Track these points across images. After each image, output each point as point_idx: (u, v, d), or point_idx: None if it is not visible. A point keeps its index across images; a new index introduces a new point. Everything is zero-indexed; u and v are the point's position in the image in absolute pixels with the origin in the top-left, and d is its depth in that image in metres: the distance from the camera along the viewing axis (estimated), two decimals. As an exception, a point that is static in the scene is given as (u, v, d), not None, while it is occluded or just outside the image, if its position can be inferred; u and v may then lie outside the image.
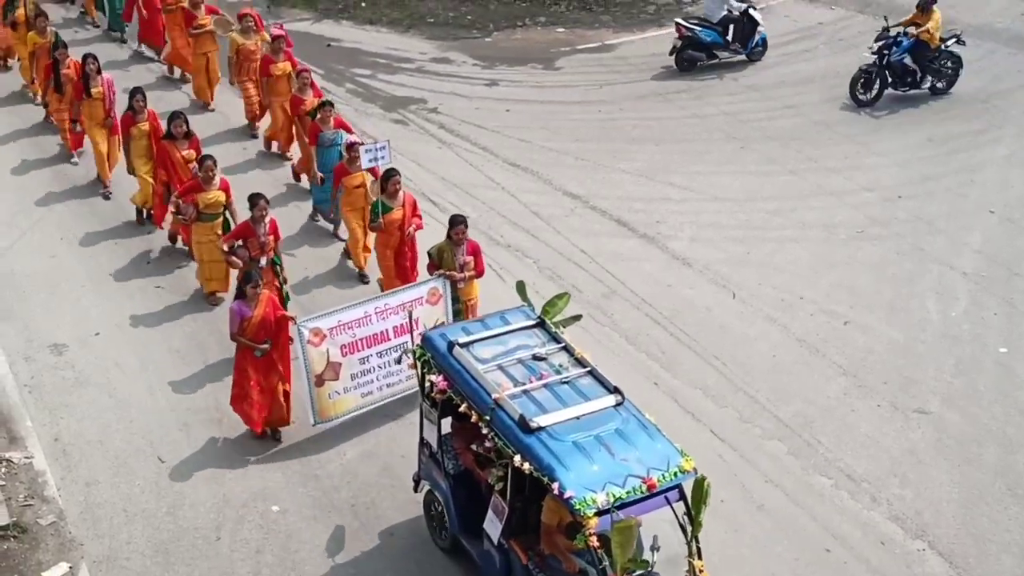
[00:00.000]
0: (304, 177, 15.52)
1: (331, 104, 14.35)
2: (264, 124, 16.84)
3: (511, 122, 18.15)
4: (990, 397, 12.11)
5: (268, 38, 16.18)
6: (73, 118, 15.39)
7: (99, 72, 14.93)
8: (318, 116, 14.19)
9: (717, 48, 20.26)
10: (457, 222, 11.58)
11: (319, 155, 14.27)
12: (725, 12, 20.37)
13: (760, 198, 16.05)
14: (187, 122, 13.65)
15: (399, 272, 12.76)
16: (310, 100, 14.76)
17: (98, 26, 20.94)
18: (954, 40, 19.08)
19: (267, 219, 12.00)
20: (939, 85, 19.19)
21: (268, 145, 16.71)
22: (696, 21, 20.45)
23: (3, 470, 10.74)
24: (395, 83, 19.57)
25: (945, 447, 11.40)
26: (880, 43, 18.82)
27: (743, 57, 20.55)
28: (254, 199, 12.04)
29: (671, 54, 20.20)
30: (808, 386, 12.26)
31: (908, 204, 15.86)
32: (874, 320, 13.39)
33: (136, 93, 14.11)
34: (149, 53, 19.64)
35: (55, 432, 11.28)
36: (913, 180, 16.51)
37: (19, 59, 18.13)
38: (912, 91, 19.05)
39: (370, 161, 12.45)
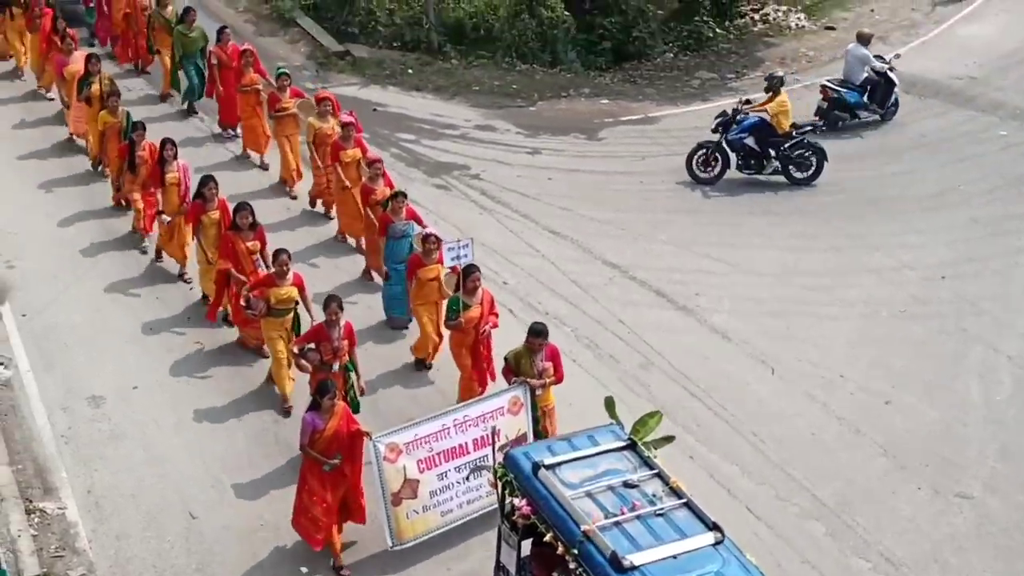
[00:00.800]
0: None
1: (404, 195, 13.75)
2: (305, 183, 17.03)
3: (553, 190, 18.24)
4: (1034, 484, 11.86)
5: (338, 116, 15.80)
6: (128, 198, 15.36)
7: (175, 157, 14.50)
8: (389, 207, 13.64)
9: (859, 108, 20.88)
10: (538, 332, 10.94)
11: (388, 247, 13.59)
12: (866, 75, 20.93)
13: (800, 273, 15.96)
14: (253, 213, 13.02)
15: (476, 373, 12.14)
16: (381, 190, 14.32)
17: (167, 96, 20.18)
18: (811, 128, 19.06)
19: (342, 322, 11.30)
20: (796, 175, 18.53)
21: (313, 203, 16.69)
22: (839, 82, 21.06)
23: (36, 520, 10.77)
24: (439, 149, 19.75)
25: (987, 534, 11.15)
26: (719, 119, 18.66)
27: (877, 117, 21.07)
28: (328, 302, 11.29)
29: (816, 115, 20.70)
30: (847, 466, 12.07)
31: (952, 284, 15.71)
32: (915, 400, 13.20)
33: (208, 181, 13.63)
34: (224, 132, 18.90)
35: (89, 484, 11.30)
36: (957, 260, 16.37)
37: (85, 135, 17.56)
38: (759, 175, 18.56)
39: (452, 260, 11.93)
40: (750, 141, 18.47)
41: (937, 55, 24.76)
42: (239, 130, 18.42)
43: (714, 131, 18.58)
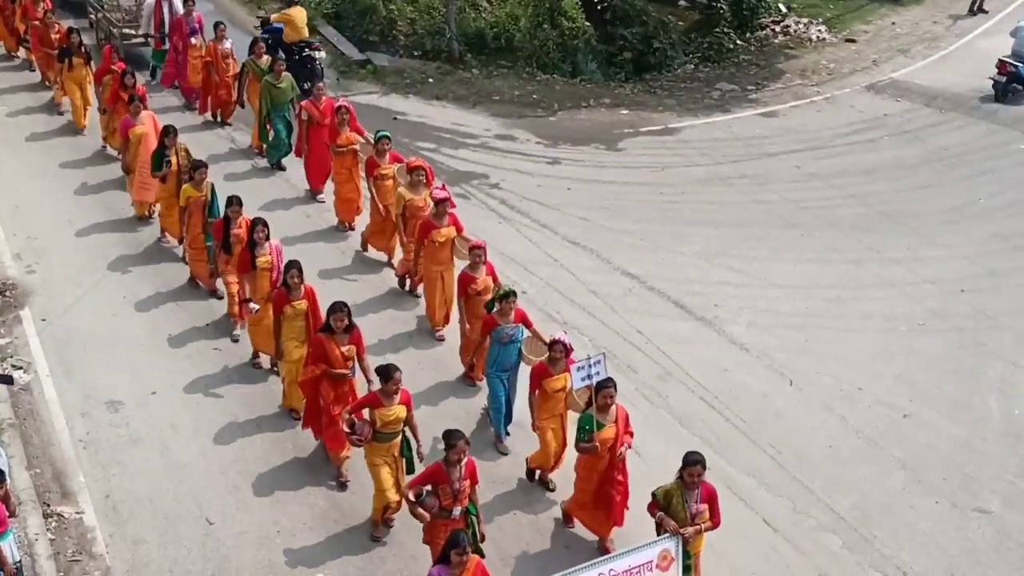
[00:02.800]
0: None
1: (514, 295, 11.74)
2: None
3: (572, 200, 18.25)
4: (1054, 500, 11.78)
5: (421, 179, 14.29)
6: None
7: (267, 239, 12.69)
8: (497, 308, 11.76)
9: None
10: (694, 462, 9.48)
11: (494, 352, 11.73)
12: None
13: (819, 286, 15.91)
14: (349, 314, 11.17)
15: (603, 503, 10.67)
16: (483, 280, 12.48)
17: (255, 151, 18.72)
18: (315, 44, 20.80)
19: (464, 461, 9.77)
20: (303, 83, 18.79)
21: (402, 283, 15.00)
22: (1017, 58, 22.49)
23: (54, 524, 10.82)
24: (459, 157, 19.80)
25: (1006, 549, 11.07)
26: None
27: None
28: (453, 440, 9.66)
29: (993, 87, 22.68)
30: (865, 479, 12.01)
31: (971, 298, 15.63)
32: (934, 415, 13.13)
33: (291, 268, 11.81)
34: (315, 197, 17.29)
35: (107, 489, 11.35)
36: (977, 274, 16.29)
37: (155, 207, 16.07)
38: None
39: (583, 380, 10.27)
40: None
41: (958, 68, 24.73)
42: (328, 194, 16.85)
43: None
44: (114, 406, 12.58)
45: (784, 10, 27.80)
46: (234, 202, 13.27)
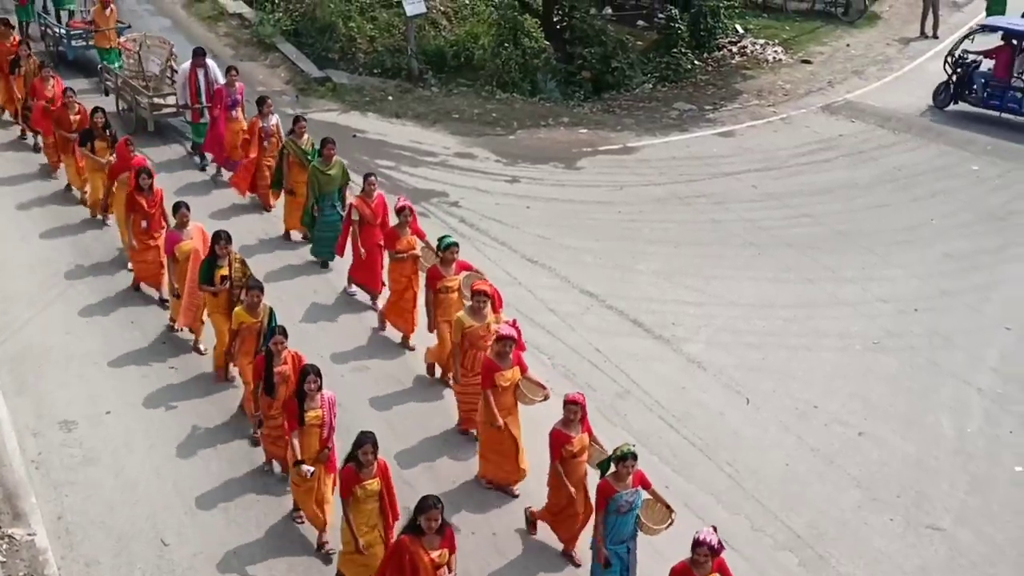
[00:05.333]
0: None
1: (634, 456, 9.73)
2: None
3: (531, 219, 18.31)
4: (1005, 517, 11.93)
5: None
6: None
7: (320, 389, 10.55)
8: (613, 470, 9.75)
9: None
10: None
11: (610, 523, 9.83)
12: None
13: (776, 305, 16.05)
14: (443, 509, 9.09)
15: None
16: (579, 439, 10.43)
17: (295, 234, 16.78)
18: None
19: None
20: None
21: (431, 370, 13.45)
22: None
23: (4, 546, 10.66)
24: (418, 176, 19.80)
25: (959, 566, 11.19)
26: None
27: None
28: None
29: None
30: (821, 497, 12.11)
31: (924, 317, 15.83)
32: (888, 432, 13.27)
33: (365, 442, 9.66)
34: (363, 297, 15.28)
35: (59, 510, 11.20)
36: (930, 294, 16.50)
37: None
38: None
39: None
40: None
41: (910, 90, 25.09)
42: (381, 301, 14.74)
43: None
44: (67, 425, 12.43)
45: (741, 31, 28.11)
46: (278, 332, 11.24)
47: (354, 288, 15.20)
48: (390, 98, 23.28)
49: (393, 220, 14.17)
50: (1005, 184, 20.52)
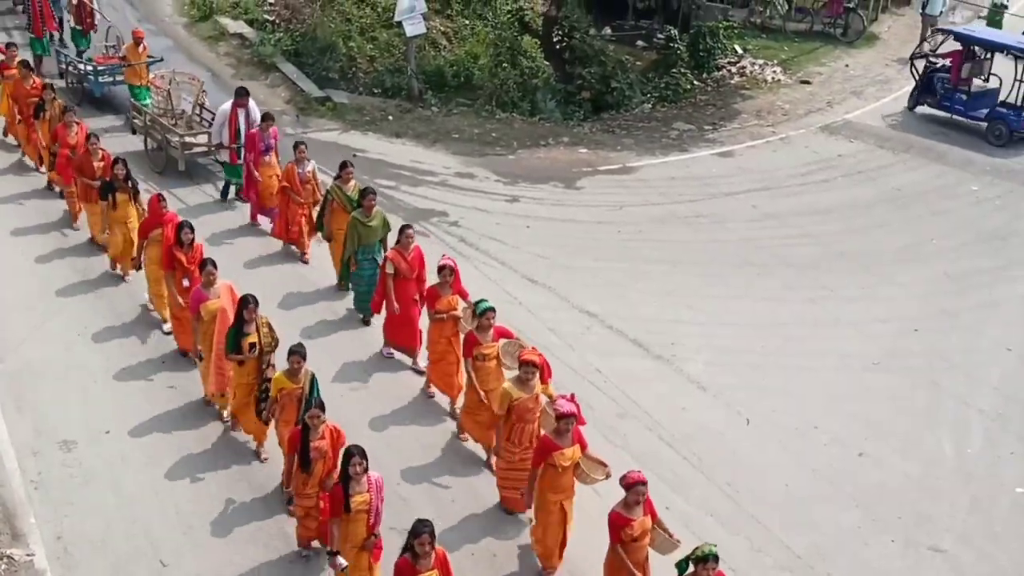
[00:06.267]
0: None
1: (716, 559, 8.91)
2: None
3: (531, 238, 18.33)
4: (1006, 537, 11.91)
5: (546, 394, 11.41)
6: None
7: (366, 471, 9.69)
8: (691, 571, 8.98)
9: None
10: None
11: None
12: None
13: (776, 324, 16.06)
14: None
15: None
16: (639, 523, 9.69)
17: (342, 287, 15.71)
18: None
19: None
20: None
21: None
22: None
23: (3, 567, 10.62)
24: (418, 195, 19.83)
25: (960, 587, 11.17)
26: None
27: None
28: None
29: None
30: (821, 517, 12.08)
31: (924, 337, 15.83)
32: (888, 453, 13.26)
33: (422, 531, 8.94)
34: (400, 356, 14.30)
35: (58, 530, 11.17)
36: (930, 314, 16.51)
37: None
38: None
39: None
40: None
41: (912, 112, 25.14)
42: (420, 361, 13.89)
43: None
44: (67, 445, 12.40)
45: (740, 52, 28.19)
46: (315, 405, 10.47)
47: (391, 350, 14.20)
48: (390, 118, 23.33)
49: (432, 275, 13.31)
50: (1005, 204, 20.58)
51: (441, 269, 12.88)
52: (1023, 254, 18.64)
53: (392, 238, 14.43)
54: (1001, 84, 23.77)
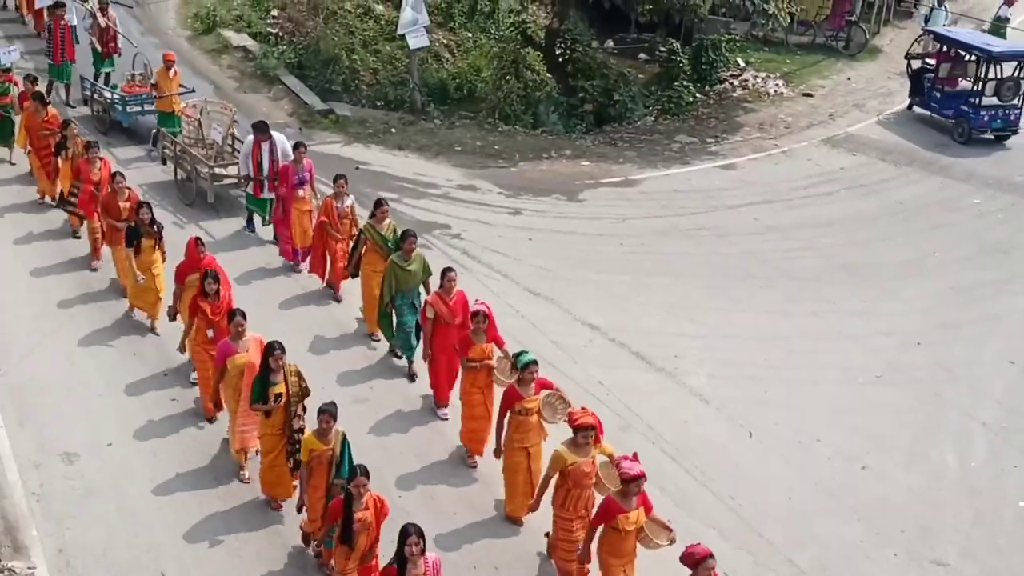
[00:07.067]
0: None
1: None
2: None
3: (533, 251, 18.33)
4: (1010, 551, 11.88)
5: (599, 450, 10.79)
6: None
7: (423, 552, 9.05)
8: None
9: None
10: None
11: None
12: None
13: (778, 338, 16.04)
14: None
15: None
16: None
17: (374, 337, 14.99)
18: None
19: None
20: None
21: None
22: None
23: (5, 579, 10.61)
24: (420, 207, 19.84)
25: (964, 602, 11.14)
26: None
27: None
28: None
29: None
30: (824, 531, 12.06)
31: (927, 351, 15.82)
32: (891, 466, 13.24)
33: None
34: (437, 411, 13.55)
35: (60, 543, 11.15)
36: (933, 327, 16.50)
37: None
38: None
39: None
40: None
41: (914, 124, 25.20)
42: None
43: None
44: (69, 457, 12.40)
45: (742, 65, 28.23)
46: (359, 472, 9.71)
47: (445, 411, 13.31)
48: (393, 130, 23.37)
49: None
50: (1007, 218, 20.58)
51: (475, 315, 12.19)
52: (1025, 267, 18.65)
53: (434, 283, 13.53)
54: (978, 85, 24.09)
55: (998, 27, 29.21)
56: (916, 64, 25.77)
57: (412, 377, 14.02)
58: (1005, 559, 11.75)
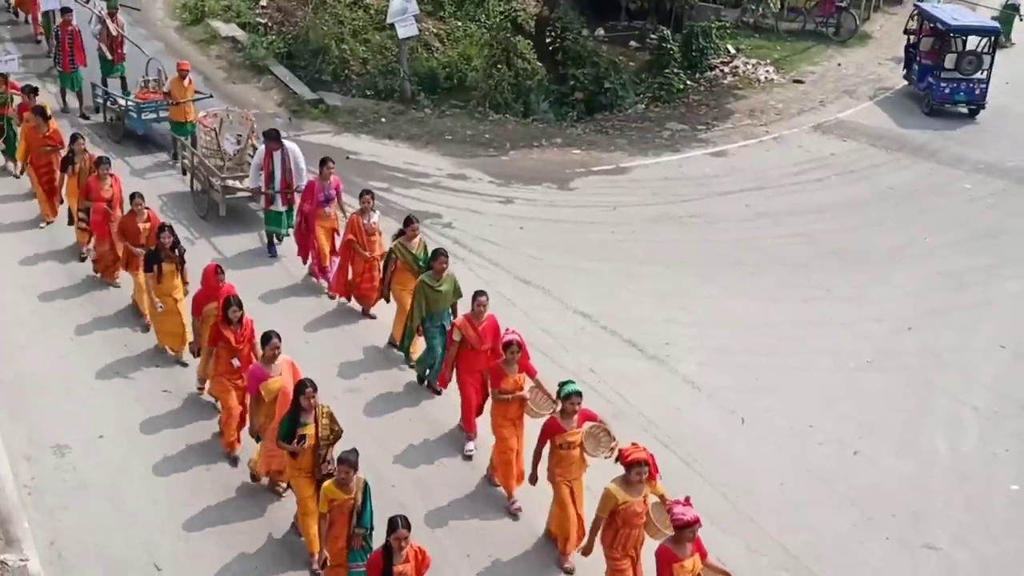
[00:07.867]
0: None
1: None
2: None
3: (524, 239, 18.32)
4: (1001, 535, 11.94)
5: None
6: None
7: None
8: None
9: None
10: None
11: None
12: None
13: (769, 324, 16.07)
14: None
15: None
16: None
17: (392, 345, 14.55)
18: None
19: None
20: None
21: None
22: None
23: (-3, 572, 10.61)
24: (411, 197, 19.81)
25: (955, 586, 11.19)
26: None
27: None
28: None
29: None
30: (816, 517, 12.10)
31: (918, 336, 15.85)
32: (883, 452, 13.28)
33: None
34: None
35: (52, 535, 11.14)
36: (923, 312, 16.53)
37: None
38: None
39: None
40: None
41: (903, 109, 25.23)
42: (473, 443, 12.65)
43: None
44: (60, 450, 12.38)
45: (733, 51, 28.22)
46: (400, 524, 9.08)
47: (473, 444, 12.63)
48: (383, 120, 23.32)
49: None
50: (997, 202, 20.62)
51: (508, 345, 11.56)
52: (1016, 252, 18.68)
53: (464, 306, 12.95)
54: (954, 61, 24.65)
55: (1009, 15, 29.19)
56: (912, 40, 26.17)
57: (437, 391, 13.53)
58: (996, 543, 11.80)
